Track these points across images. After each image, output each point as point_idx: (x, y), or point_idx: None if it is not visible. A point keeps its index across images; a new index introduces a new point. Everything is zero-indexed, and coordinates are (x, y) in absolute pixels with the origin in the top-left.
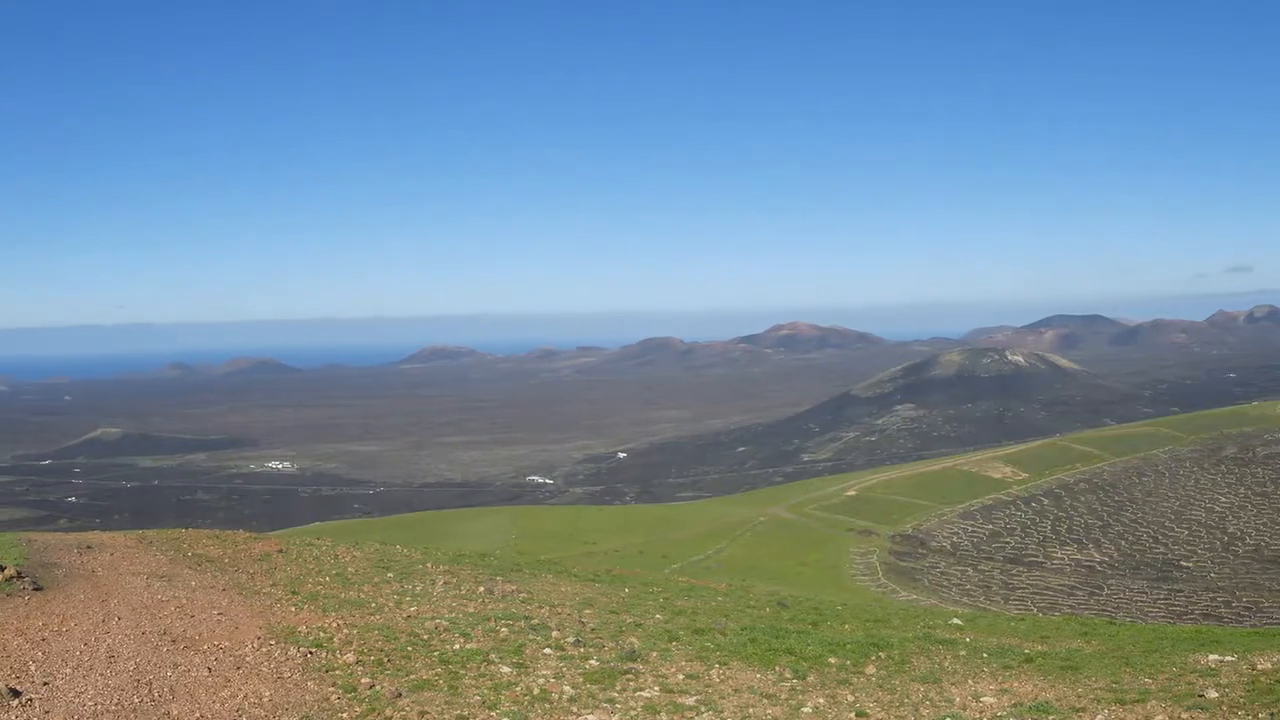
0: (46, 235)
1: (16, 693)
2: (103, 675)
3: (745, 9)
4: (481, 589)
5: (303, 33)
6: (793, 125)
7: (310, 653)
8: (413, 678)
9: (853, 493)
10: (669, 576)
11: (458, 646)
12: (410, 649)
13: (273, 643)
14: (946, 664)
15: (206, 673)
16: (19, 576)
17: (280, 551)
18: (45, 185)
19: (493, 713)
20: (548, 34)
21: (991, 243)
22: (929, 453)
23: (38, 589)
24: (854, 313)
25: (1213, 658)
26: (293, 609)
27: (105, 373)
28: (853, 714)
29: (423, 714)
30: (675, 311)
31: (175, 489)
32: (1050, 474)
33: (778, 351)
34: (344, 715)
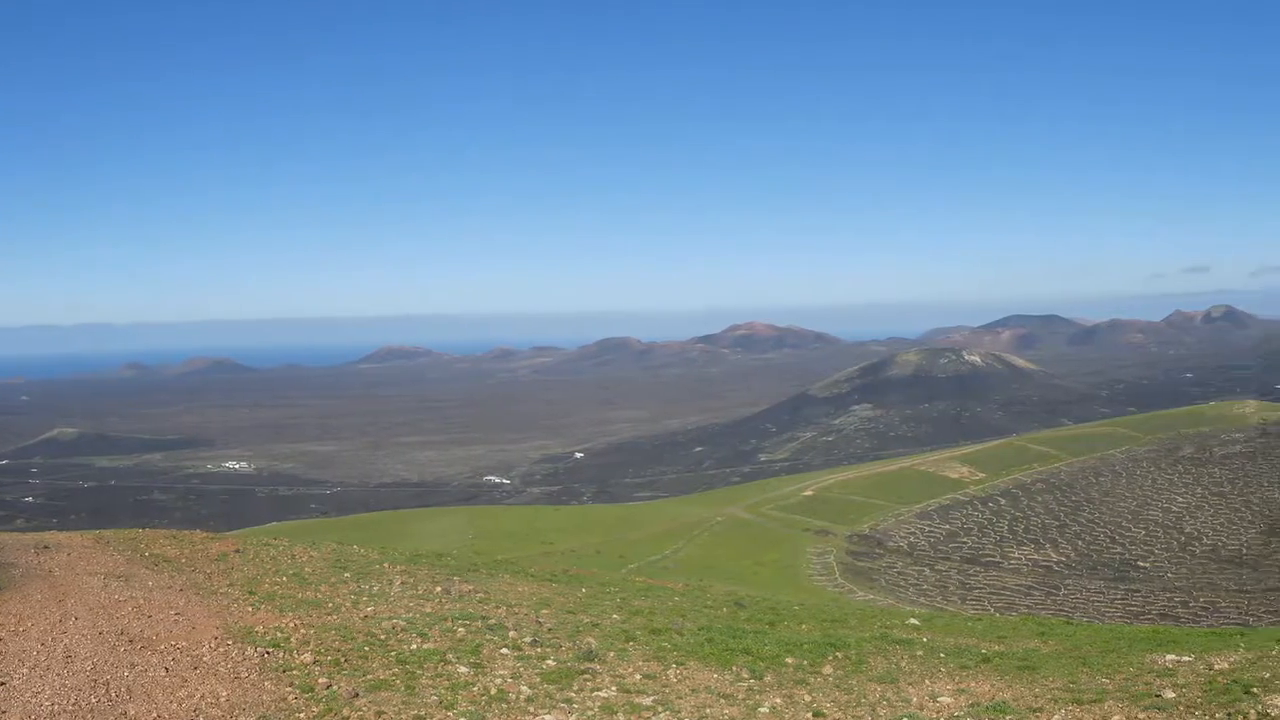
0: (2, 235)
1: None
2: (60, 675)
3: (713, 9)
4: (438, 589)
5: (263, 33)
6: (751, 126)
7: (267, 653)
8: (370, 678)
9: (810, 493)
10: (626, 576)
11: (415, 646)
12: (367, 649)
13: (230, 643)
14: (904, 664)
15: (164, 673)
16: None
17: (237, 551)
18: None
19: (450, 713)
20: (508, 40)
21: (948, 243)
22: (886, 453)
23: None
24: (811, 313)
25: (1170, 658)
26: (250, 609)
27: (62, 373)
28: (810, 714)
29: (380, 714)
30: (632, 311)
31: (132, 489)
32: (1007, 474)
33: (735, 351)
34: (301, 715)
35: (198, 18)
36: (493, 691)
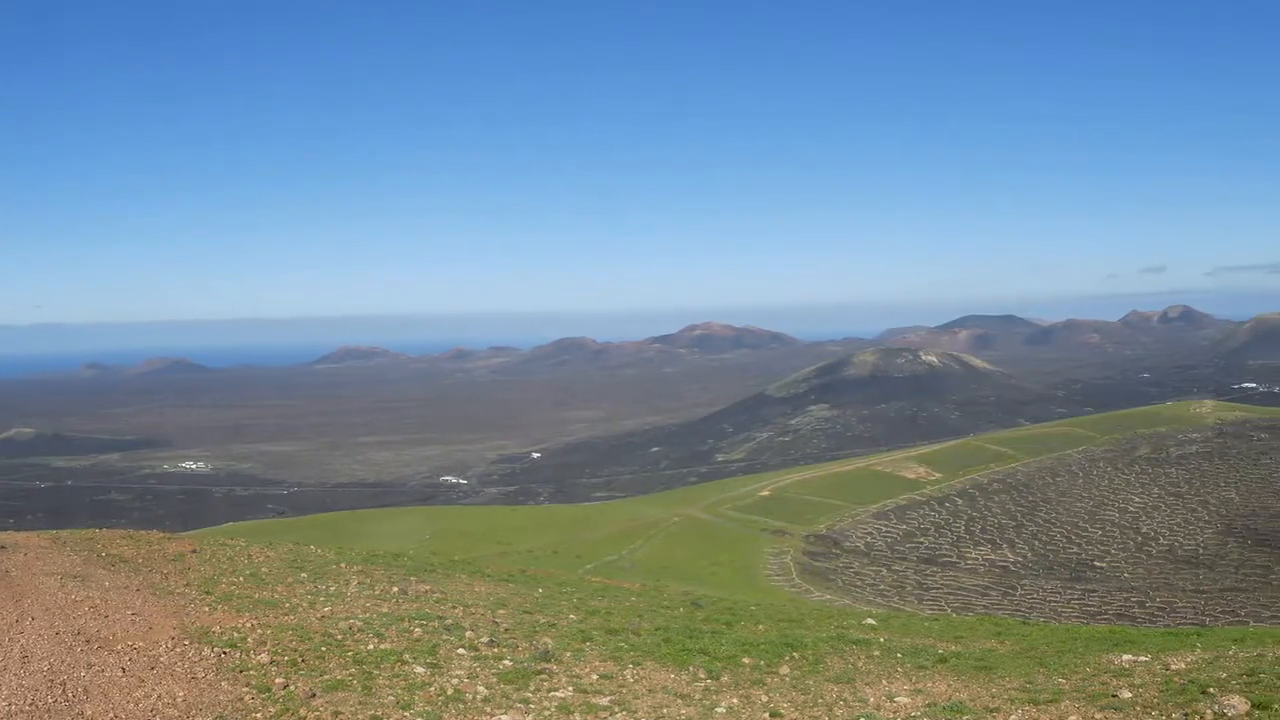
0: None
1: None
2: (16, 675)
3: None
4: (395, 589)
5: (227, 29)
6: (705, 126)
7: (224, 653)
8: (327, 678)
9: (766, 493)
10: (583, 577)
11: (371, 647)
12: (324, 649)
13: (187, 643)
14: (860, 664)
15: (121, 673)
16: None
17: (194, 552)
18: None
19: (407, 713)
20: (453, 41)
21: (905, 243)
22: (843, 453)
23: None
24: (768, 313)
25: (1126, 658)
26: (207, 609)
27: (19, 373)
28: (766, 714)
29: (336, 714)
30: (589, 312)
31: (89, 489)
32: (964, 474)
33: (692, 352)
34: (258, 715)
35: (162, 13)
36: (449, 692)
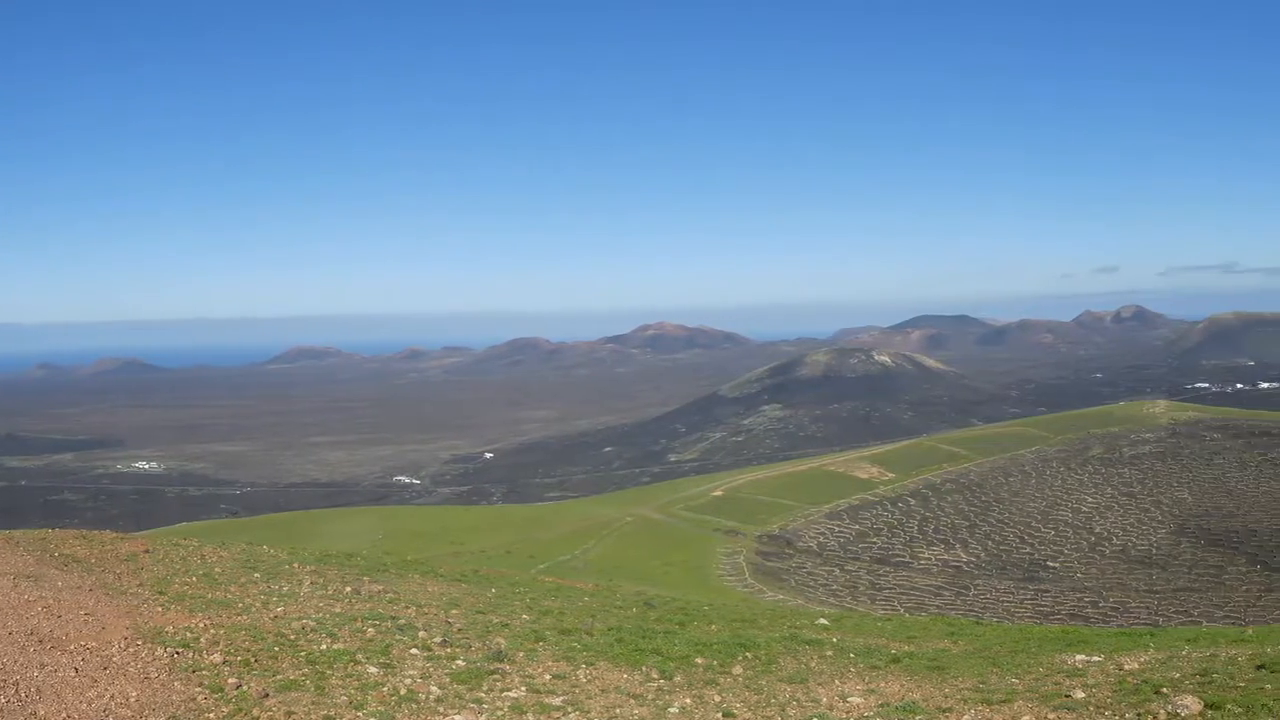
0: None
1: None
2: None
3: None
4: (348, 589)
5: (150, 33)
6: (669, 127)
7: (177, 653)
8: (280, 678)
9: (719, 493)
10: (536, 577)
11: (324, 647)
12: (277, 649)
13: (140, 643)
14: (813, 664)
15: (74, 673)
16: None
17: (147, 552)
18: None
19: (359, 713)
20: (410, 44)
21: (857, 243)
22: (796, 453)
23: None
24: (721, 313)
25: (1079, 658)
26: (160, 609)
27: None
28: (720, 714)
29: (289, 714)
30: (542, 312)
31: (42, 489)
32: (917, 474)
33: (645, 352)
34: (211, 715)
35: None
36: (402, 692)
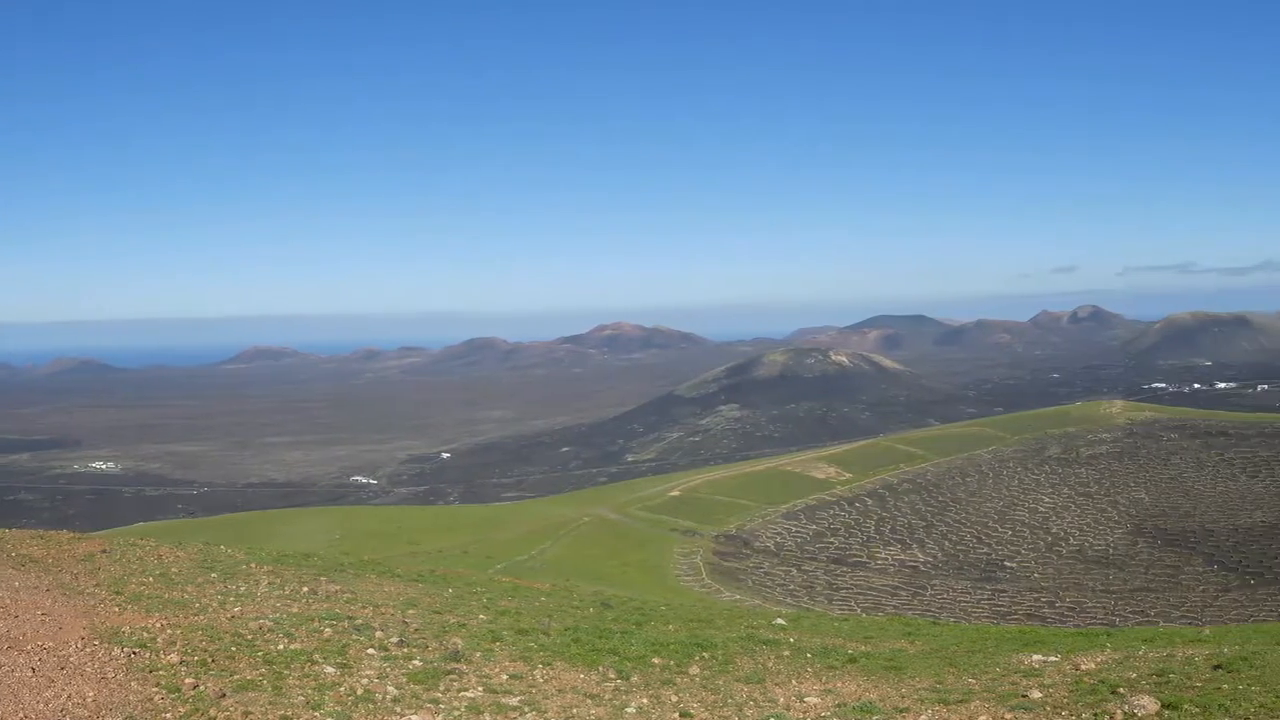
0: None
1: None
2: None
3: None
4: (305, 589)
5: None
6: (615, 127)
7: (134, 653)
8: (237, 678)
9: (676, 493)
10: (493, 577)
11: (281, 647)
12: (234, 649)
13: (96, 643)
14: (770, 664)
15: (30, 673)
16: None
17: (104, 552)
18: None
19: (316, 713)
20: (372, 41)
21: (814, 242)
22: (753, 453)
23: None
24: (678, 312)
25: (1036, 658)
26: (116, 609)
27: None
28: (676, 714)
29: (246, 714)
30: (499, 312)
31: None
32: (874, 474)
33: (602, 352)
34: (168, 715)
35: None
36: (359, 692)
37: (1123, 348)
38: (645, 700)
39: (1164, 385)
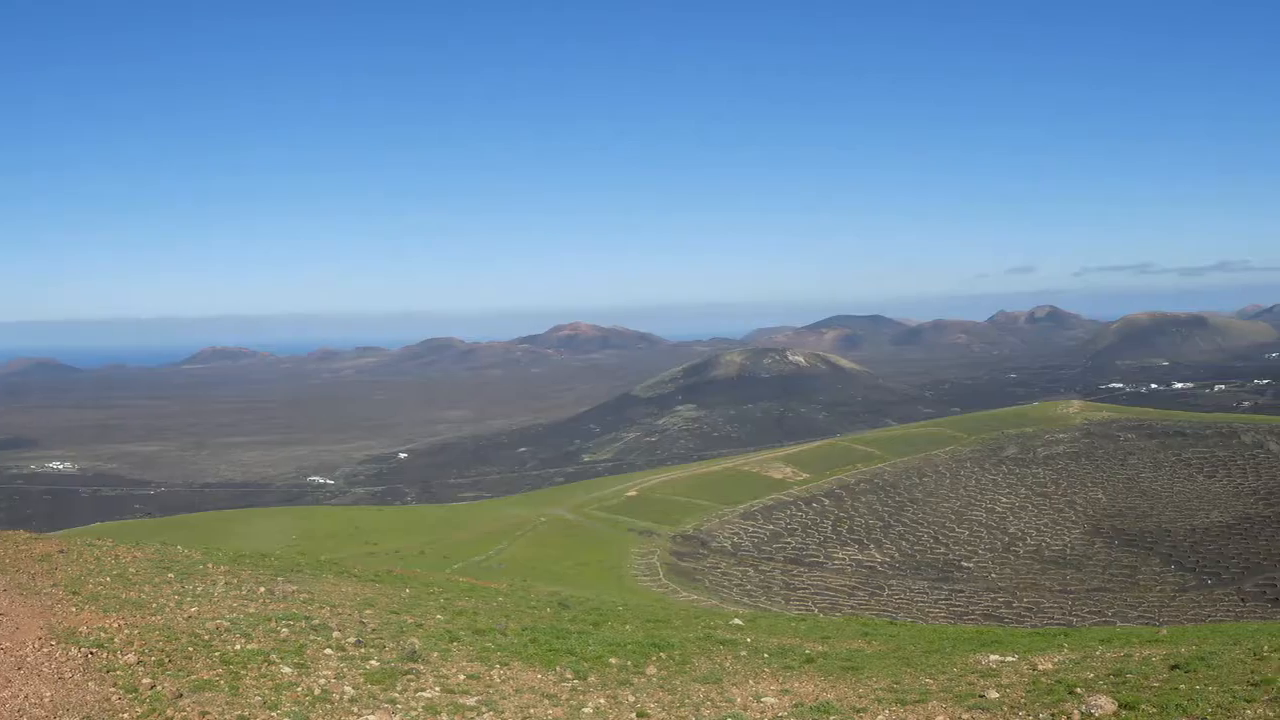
0: None
1: None
2: None
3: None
4: (262, 589)
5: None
6: (573, 126)
7: (91, 653)
8: (194, 678)
9: (633, 493)
10: (450, 577)
11: (239, 647)
12: (191, 649)
13: (54, 643)
14: (727, 664)
15: None
16: None
17: (61, 552)
18: None
19: (274, 713)
20: (327, 42)
21: (771, 243)
22: (710, 453)
23: None
24: (635, 313)
25: (993, 658)
26: (74, 609)
27: None
28: (634, 714)
29: (204, 714)
30: (456, 312)
31: None
32: (831, 474)
33: (559, 352)
34: (125, 715)
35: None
36: (316, 692)
37: (1080, 348)
38: (602, 700)
39: (1121, 385)
